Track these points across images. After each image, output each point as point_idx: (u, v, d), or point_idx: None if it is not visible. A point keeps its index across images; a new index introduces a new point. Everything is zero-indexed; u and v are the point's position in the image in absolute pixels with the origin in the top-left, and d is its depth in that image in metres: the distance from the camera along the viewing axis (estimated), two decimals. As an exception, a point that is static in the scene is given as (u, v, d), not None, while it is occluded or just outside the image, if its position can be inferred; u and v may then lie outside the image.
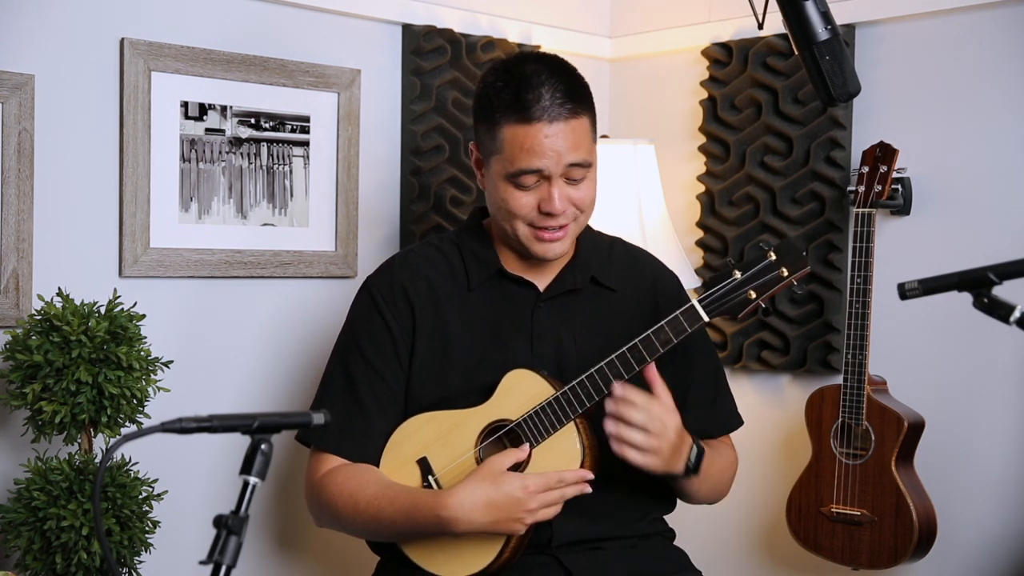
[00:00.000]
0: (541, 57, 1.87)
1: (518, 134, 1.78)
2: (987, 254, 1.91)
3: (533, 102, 1.77)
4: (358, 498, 1.82)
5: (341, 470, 1.87)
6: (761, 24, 1.87)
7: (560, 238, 1.85)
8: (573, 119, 1.79)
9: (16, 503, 1.94)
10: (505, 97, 1.80)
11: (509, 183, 1.82)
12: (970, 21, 2.47)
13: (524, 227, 1.85)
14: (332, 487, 1.86)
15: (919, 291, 1.44)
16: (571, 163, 1.80)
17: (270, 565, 2.51)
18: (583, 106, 1.82)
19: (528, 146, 1.78)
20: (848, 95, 1.75)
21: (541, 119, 1.77)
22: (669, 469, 1.80)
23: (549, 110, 1.77)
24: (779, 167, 2.72)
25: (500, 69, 1.85)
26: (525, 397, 1.81)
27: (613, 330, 1.90)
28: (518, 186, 1.82)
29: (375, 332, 1.91)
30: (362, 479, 1.84)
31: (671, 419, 1.77)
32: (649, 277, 2.02)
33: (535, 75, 1.79)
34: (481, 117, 1.86)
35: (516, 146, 1.79)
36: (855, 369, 2.41)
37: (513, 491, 1.71)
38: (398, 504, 1.79)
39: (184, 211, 2.33)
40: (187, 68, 2.31)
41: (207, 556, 1.18)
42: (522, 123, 1.78)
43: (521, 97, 1.78)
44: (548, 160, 1.78)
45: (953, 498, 2.47)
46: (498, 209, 1.87)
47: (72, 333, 1.92)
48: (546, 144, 1.78)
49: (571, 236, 1.89)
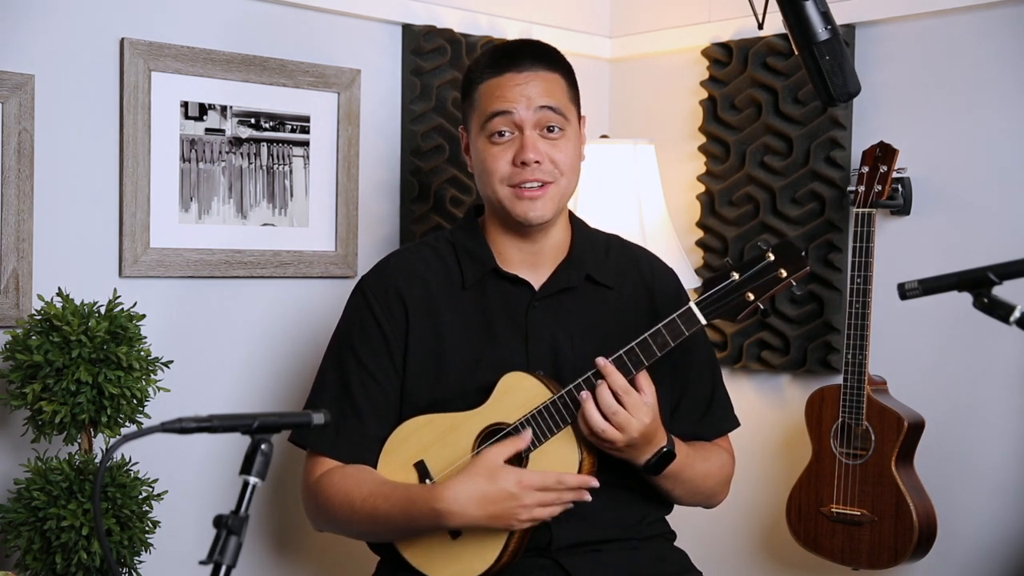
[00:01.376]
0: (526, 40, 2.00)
1: (491, 85, 1.88)
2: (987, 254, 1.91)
3: (506, 57, 1.89)
4: (354, 496, 1.82)
5: (337, 471, 1.87)
6: (761, 24, 1.87)
7: (539, 196, 1.86)
8: (544, 71, 1.88)
9: (16, 503, 1.94)
10: (483, 61, 1.92)
11: (487, 140, 1.88)
12: (970, 21, 2.47)
13: (504, 188, 1.87)
14: (328, 488, 1.85)
15: (919, 291, 1.44)
16: (542, 105, 1.85)
17: (268, 566, 2.51)
18: (556, 64, 1.92)
19: (499, 93, 1.87)
20: (848, 95, 1.75)
21: (511, 69, 1.87)
22: (625, 456, 1.80)
23: (519, 60, 1.88)
24: (779, 167, 2.72)
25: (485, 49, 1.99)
26: (522, 400, 1.80)
27: (609, 328, 1.90)
28: (493, 141, 1.87)
29: (369, 333, 1.90)
30: (357, 478, 1.84)
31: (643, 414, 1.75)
32: (646, 274, 2.01)
33: (512, 43, 1.95)
34: (464, 93, 1.95)
35: (489, 96, 1.88)
36: (855, 369, 2.41)
37: (507, 486, 1.70)
38: (394, 499, 1.78)
39: (184, 211, 2.33)
40: (187, 68, 2.31)
41: (207, 556, 1.18)
42: (495, 75, 1.88)
43: (496, 57, 1.90)
44: (518, 103, 1.85)
45: (953, 498, 2.47)
46: (480, 176, 1.92)
47: (72, 333, 1.92)
48: (516, 90, 1.86)
49: (553, 199, 1.88)
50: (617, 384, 1.74)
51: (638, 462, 1.82)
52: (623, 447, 1.77)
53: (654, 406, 1.78)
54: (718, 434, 2.03)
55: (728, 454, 2.04)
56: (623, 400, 1.74)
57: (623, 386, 1.75)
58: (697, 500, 1.99)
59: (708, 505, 2.03)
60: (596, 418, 1.74)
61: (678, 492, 1.92)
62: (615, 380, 1.75)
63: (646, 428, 1.76)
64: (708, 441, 2.01)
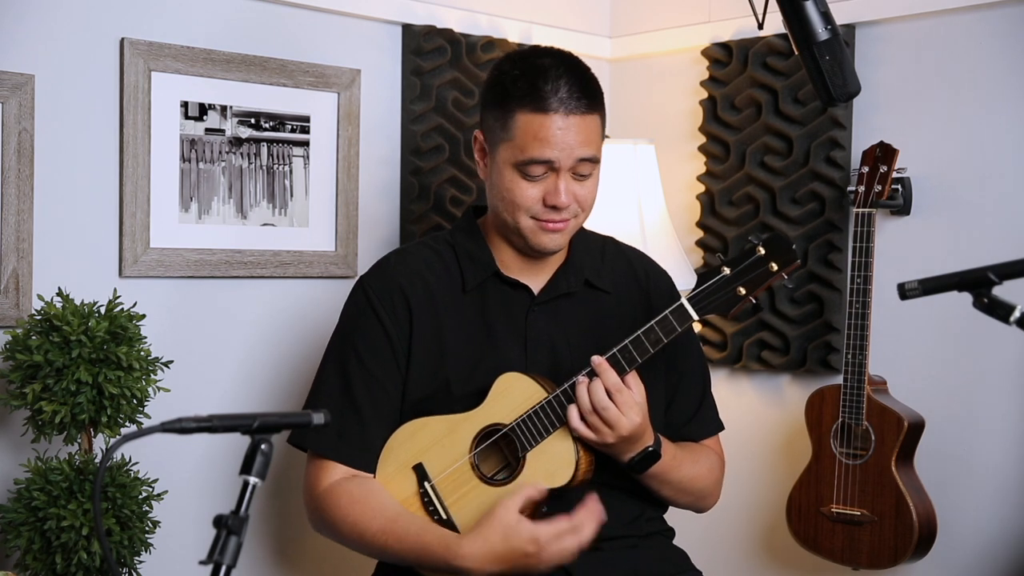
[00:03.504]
0: (557, 52, 1.87)
1: (533, 123, 1.78)
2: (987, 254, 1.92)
3: (551, 93, 1.77)
4: (363, 529, 1.80)
5: (344, 491, 1.84)
6: (761, 24, 1.87)
7: (562, 229, 1.85)
8: (588, 114, 1.80)
9: (16, 503, 1.94)
10: (522, 85, 1.79)
11: (516, 172, 1.81)
12: (970, 21, 2.47)
13: (527, 219, 1.84)
14: (336, 510, 1.83)
15: (919, 291, 1.44)
16: (581, 158, 1.80)
17: (268, 567, 2.51)
18: (596, 104, 1.83)
19: (542, 135, 1.78)
20: (848, 95, 1.75)
21: (558, 111, 1.77)
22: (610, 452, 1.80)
23: (566, 102, 1.77)
24: (779, 167, 2.72)
25: (516, 59, 1.85)
26: (518, 400, 1.80)
27: (607, 333, 1.89)
28: (525, 176, 1.81)
29: (371, 334, 1.89)
30: (367, 507, 1.81)
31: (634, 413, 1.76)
32: (642, 277, 2.01)
33: (553, 68, 1.80)
34: (493, 103, 1.85)
35: (529, 135, 1.79)
36: (855, 369, 2.41)
37: (523, 545, 1.69)
38: (407, 544, 1.77)
39: (184, 211, 2.33)
40: (187, 68, 2.31)
41: (207, 556, 1.18)
42: (538, 112, 1.78)
43: (538, 87, 1.78)
44: (560, 152, 1.78)
45: (953, 498, 2.47)
46: (501, 199, 1.85)
47: (72, 333, 1.92)
48: (559, 136, 1.78)
49: (571, 231, 1.88)
50: (610, 381, 1.75)
51: (622, 459, 1.82)
52: (613, 442, 1.77)
53: (643, 405, 1.78)
54: (706, 435, 2.04)
55: (718, 456, 2.03)
56: (615, 398, 1.75)
57: (616, 384, 1.75)
58: (686, 502, 1.98)
59: (698, 509, 2.02)
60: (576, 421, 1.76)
61: (666, 492, 1.92)
62: (608, 378, 1.75)
63: (635, 427, 1.77)
64: (696, 442, 2.01)
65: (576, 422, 1.76)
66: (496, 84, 1.85)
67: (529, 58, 1.84)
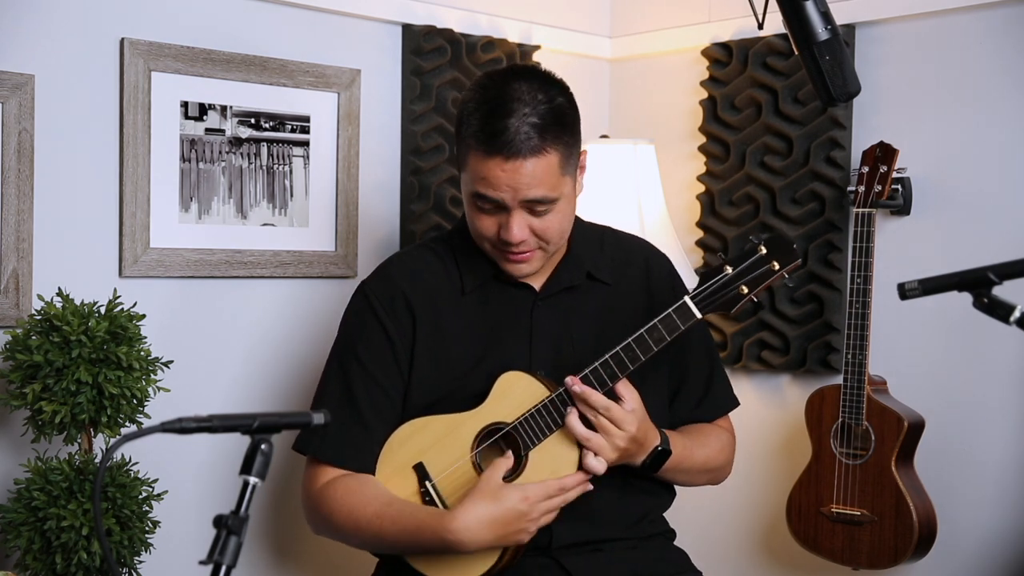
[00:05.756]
0: (527, 77, 1.79)
1: (478, 163, 1.76)
2: (987, 254, 1.91)
3: (499, 133, 1.72)
4: (358, 516, 1.81)
5: (340, 483, 1.85)
6: (761, 24, 1.87)
7: (527, 259, 1.84)
8: (535, 156, 1.73)
9: (16, 503, 1.94)
10: (473, 121, 1.76)
11: (473, 203, 1.82)
12: (970, 21, 2.47)
13: (489, 247, 1.85)
14: (332, 502, 1.84)
15: (919, 291, 1.44)
16: (528, 199, 1.76)
17: (268, 567, 2.51)
18: (552, 141, 1.74)
19: (484, 176, 1.75)
20: (848, 95, 1.75)
21: (501, 152, 1.72)
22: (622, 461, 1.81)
23: (511, 145, 1.71)
24: (779, 167, 2.72)
25: (481, 86, 1.80)
26: (520, 399, 1.81)
27: (610, 325, 1.90)
28: (479, 209, 1.81)
29: (373, 339, 1.89)
30: (362, 495, 1.82)
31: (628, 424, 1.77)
32: (641, 265, 2.01)
33: (510, 102, 1.73)
34: (456, 130, 1.84)
35: (476, 173, 1.77)
36: (855, 369, 2.41)
37: (515, 504, 1.72)
38: (401, 525, 1.78)
39: (184, 211, 2.33)
40: (187, 68, 2.31)
41: (207, 556, 1.18)
42: (481, 152, 1.74)
43: (488, 125, 1.73)
44: (503, 193, 1.75)
45: (953, 498, 2.47)
46: (468, 223, 1.87)
47: (72, 333, 1.92)
48: (502, 178, 1.74)
49: (540, 259, 1.86)
50: (596, 404, 1.76)
51: (634, 464, 1.84)
52: (618, 457, 1.79)
53: (639, 411, 1.79)
54: (718, 415, 2.05)
55: (728, 433, 2.05)
56: (605, 416, 1.76)
57: (602, 404, 1.76)
58: (702, 481, 2.02)
59: (714, 483, 2.06)
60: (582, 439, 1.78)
61: (680, 479, 1.96)
62: (592, 399, 1.76)
63: (634, 436, 1.78)
64: (708, 423, 2.02)
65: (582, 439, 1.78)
66: (459, 111, 1.82)
67: (491, 88, 1.78)
